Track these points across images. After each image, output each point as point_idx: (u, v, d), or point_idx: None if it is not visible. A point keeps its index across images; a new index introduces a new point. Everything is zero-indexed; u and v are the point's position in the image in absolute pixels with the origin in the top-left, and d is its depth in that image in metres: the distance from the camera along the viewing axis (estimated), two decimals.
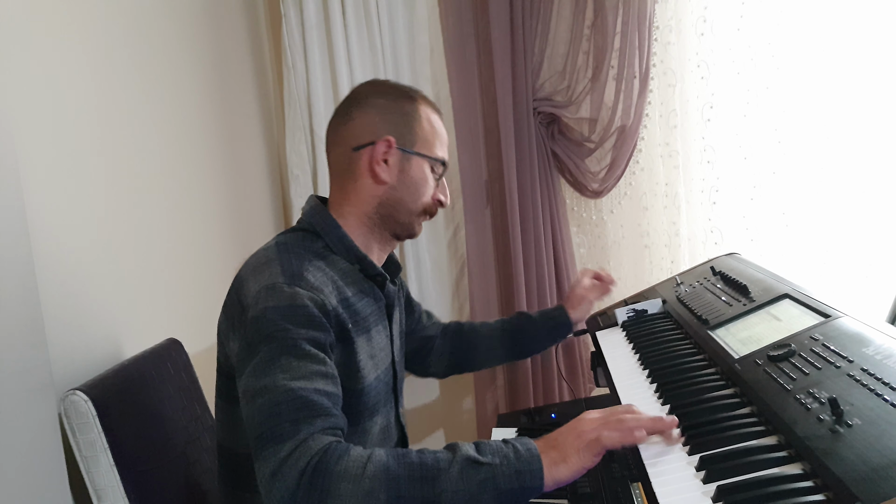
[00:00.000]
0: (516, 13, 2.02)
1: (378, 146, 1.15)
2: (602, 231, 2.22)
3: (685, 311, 1.46)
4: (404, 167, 1.17)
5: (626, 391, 1.24)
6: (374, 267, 1.17)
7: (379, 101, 1.19)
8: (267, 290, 1.02)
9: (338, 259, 1.15)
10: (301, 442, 0.89)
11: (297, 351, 0.98)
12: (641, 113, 2.03)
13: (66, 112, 1.21)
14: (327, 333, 1.02)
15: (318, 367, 0.98)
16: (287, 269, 1.05)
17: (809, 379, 0.95)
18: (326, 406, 0.94)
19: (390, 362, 1.22)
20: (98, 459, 1.07)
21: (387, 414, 1.20)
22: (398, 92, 1.21)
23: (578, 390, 2.18)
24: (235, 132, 2.00)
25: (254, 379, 0.97)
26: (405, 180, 1.18)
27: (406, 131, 1.18)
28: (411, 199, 1.18)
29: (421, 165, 1.19)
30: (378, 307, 1.19)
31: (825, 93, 1.91)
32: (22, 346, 0.98)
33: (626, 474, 1.20)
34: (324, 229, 1.15)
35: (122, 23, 1.43)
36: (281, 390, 0.94)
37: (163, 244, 1.52)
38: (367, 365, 1.12)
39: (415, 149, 1.18)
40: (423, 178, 1.19)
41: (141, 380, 1.21)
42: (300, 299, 1.01)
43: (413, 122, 1.19)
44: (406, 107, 1.19)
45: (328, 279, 1.09)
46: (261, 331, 0.99)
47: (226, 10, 2.05)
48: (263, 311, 1.00)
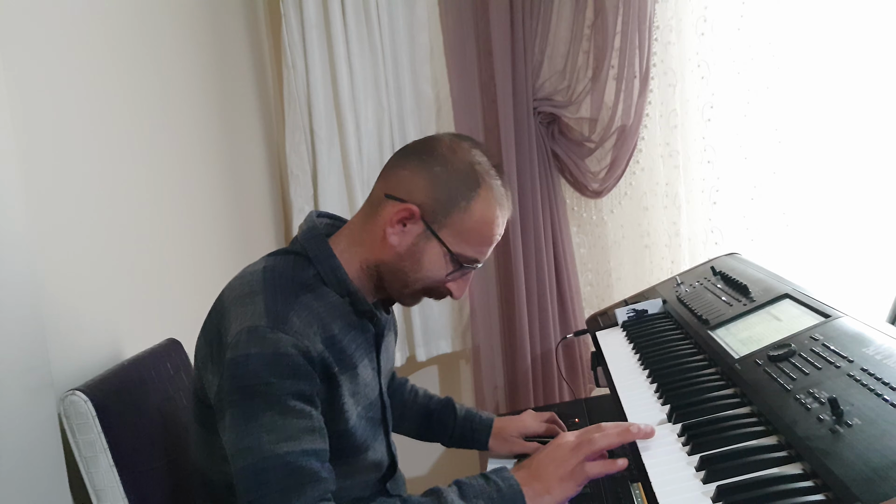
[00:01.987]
0: (516, 13, 2.02)
1: (402, 208, 1.05)
2: (602, 231, 2.22)
3: (685, 311, 1.46)
4: (419, 242, 1.06)
5: (626, 391, 1.24)
6: (364, 302, 1.09)
7: (438, 169, 1.06)
8: (248, 332, 0.96)
9: (328, 291, 1.07)
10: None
11: (281, 407, 0.93)
12: (641, 113, 2.03)
13: (67, 112, 1.21)
14: (312, 382, 0.97)
15: (304, 423, 0.94)
16: (271, 309, 0.98)
17: (809, 379, 0.95)
18: (315, 470, 0.92)
19: (377, 394, 1.16)
20: (98, 459, 1.07)
21: (377, 448, 1.15)
22: (467, 170, 1.06)
23: (578, 390, 2.18)
24: (235, 132, 2.00)
25: (236, 436, 0.93)
26: (414, 255, 1.07)
27: (443, 212, 1.05)
28: (413, 275, 1.08)
29: (438, 251, 1.07)
30: (366, 339, 1.13)
31: (825, 93, 1.92)
32: (22, 346, 0.98)
33: (626, 474, 1.20)
34: (317, 257, 1.08)
35: (121, 23, 1.43)
36: (267, 455, 0.90)
37: (163, 244, 1.51)
38: (349, 404, 1.06)
39: (441, 233, 1.06)
40: (434, 264, 1.07)
41: (141, 380, 1.21)
42: (284, 346, 0.95)
43: (456, 209, 1.05)
44: (463, 190, 1.05)
45: (314, 318, 1.02)
46: (241, 379, 0.94)
47: (226, 10, 2.05)
48: (245, 358, 0.94)
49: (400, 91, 2.18)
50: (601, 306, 2.10)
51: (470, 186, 1.06)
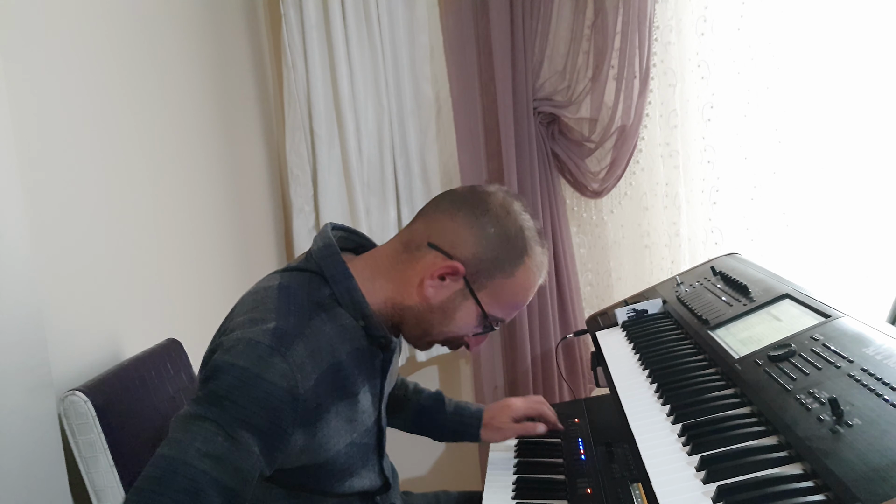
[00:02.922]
0: (516, 13, 2.02)
1: (446, 263, 1.02)
2: (602, 231, 2.22)
3: (685, 311, 1.46)
4: (455, 299, 1.04)
5: (626, 391, 1.25)
6: (379, 328, 1.06)
7: (490, 230, 1.04)
8: (247, 344, 0.93)
9: (342, 313, 1.04)
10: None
11: (229, 429, 0.89)
12: (641, 113, 2.03)
13: (67, 112, 1.21)
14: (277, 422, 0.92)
15: (238, 458, 0.89)
16: (280, 329, 0.95)
17: (809, 379, 0.95)
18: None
19: (374, 421, 1.12)
20: (98, 460, 1.07)
21: (367, 474, 1.12)
22: (517, 236, 1.05)
23: (578, 390, 2.18)
24: (235, 132, 2.00)
25: (177, 424, 0.91)
26: (446, 310, 1.05)
27: (486, 274, 1.03)
28: (438, 328, 1.06)
29: (472, 311, 1.05)
30: (373, 364, 1.10)
31: (825, 93, 1.92)
32: (22, 346, 0.98)
33: (626, 475, 1.20)
34: (333, 277, 1.04)
35: (121, 23, 1.43)
36: (186, 459, 0.88)
37: (163, 244, 1.51)
38: (342, 429, 1.03)
39: (479, 295, 1.04)
40: (465, 322, 1.06)
41: (141, 380, 1.21)
42: (270, 373, 0.91)
43: (500, 273, 1.04)
44: (510, 255, 1.04)
45: (324, 342, 0.99)
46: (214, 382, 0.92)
47: (226, 10, 2.05)
48: (230, 367, 0.92)
49: (400, 91, 2.18)
50: (601, 306, 2.10)
51: (517, 254, 1.04)
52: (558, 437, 1.46)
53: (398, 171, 2.20)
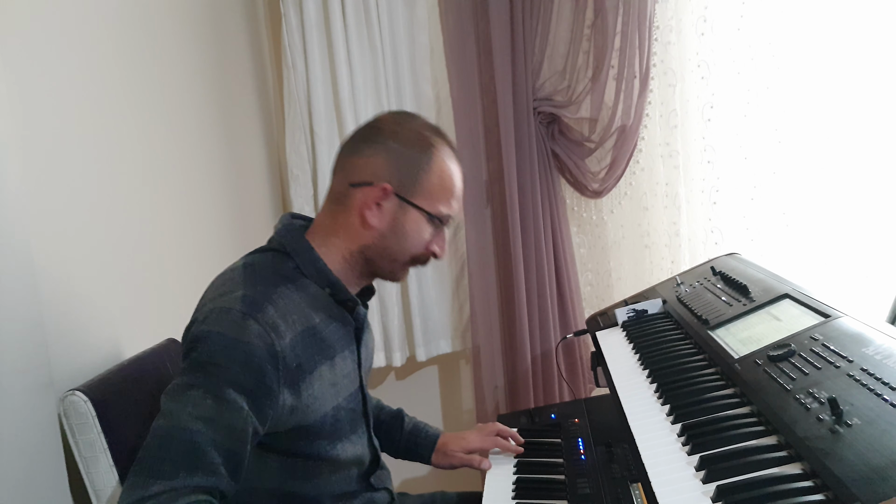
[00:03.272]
0: (516, 13, 2.02)
1: (373, 190, 1.09)
2: (602, 231, 2.22)
3: (685, 311, 1.46)
4: (398, 216, 1.11)
5: (626, 391, 1.25)
6: (345, 291, 1.12)
7: (392, 144, 1.12)
8: (220, 312, 0.99)
9: (308, 283, 1.10)
10: (171, 490, 0.88)
11: (217, 391, 0.94)
12: (641, 113, 2.03)
13: (66, 112, 1.21)
14: (261, 379, 0.97)
15: (230, 417, 0.94)
16: (248, 296, 1.01)
17: (809, 379, 0.95)
18: (213, 462, 0.92)
19: (357, 387, 1.17)
20: (98, 460, 1.07)
21: (358, 441, 1.16)
22: (416, 137, 1.13)
23: (578, 390, 2.18)
24: (235, 132, 2.00)
25: (167, 398, 0.95)
26: (396, 229, 1.11)
27: (410, 180, 1.10)
28: (399, 248, 1.13)
29: (417, 218, 1.12)
30: (346, 332, 1.15)
31: (825, 93, 1.92)
32: (22, 346, 0.98)
33: (626, 475, 1.20)
34: (295, 250, 1.11)
35: (121, 23, 1.43)
36: (181, 424, 0.92)
37: (163, 244, 1.51)
38: (326, 393, 1.08)
39: (415, 200, 1.11)
40: (417, 231, 1.12)
41: (141, 380, 1.21)
42: (247, 334, 0.97)
43: (420, 172, 1.11)
44: (419, 155, 1.11)
45: (294, 307, 1.04)
46: (196, 353, 0.97)
47: (226, 10, 2.05)
48: (207, 333, 0.97)
49: (400, 91, 2.18)
50: (601, 306, 2.10)
51: (424, 149, 1.12)
52: (558, 438, 1.46)
53: None
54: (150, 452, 0.91)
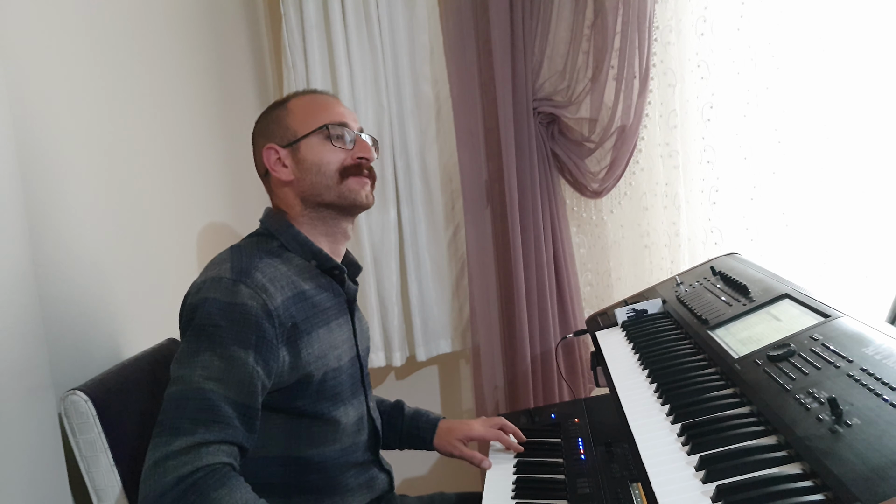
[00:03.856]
0: (516, 13, 2.02)
1: (266, 158, 1.22)
2: (602, 231, 2.22)
3: (685, 311, 1.46)
4: (297, 157, 1.21)
5: (625, 391, 1.25)
6: (329, 260, 1.21)
7: (256, 127, 1.27)
8: (212, 281, 1.06)
9: (293, 256, 1.19)
10: (194, 445, 0.94)
11: (222, 351, 1.01)
12: (641, 113, 2.03)
13: (66, 111, 1.21)
14: (261, 334, 1.04)
15: (238, 372, 1.01)
16: (236, 266, 1.09)
17: (809, 379, 0.95)
18: (228, 416, 0.98)
19: (355, 355, 1.24)
20: (98, 459, 1.07)
21: (358, 406, 1.22)
22: (270, 108, 1.27)
23: (578, 390, 2.18)
24: (235, 132, 2.00)
25: (177, 366, 1.02)
26: (303, 166, 1.20)
27: (281, 130, 1.22)
28: (320, 174, 1.20)
29: (309, 144, 1.21)
30: (338, 302, 1.22)
31: (825, 93, 1.91)
32: (22, 346, 0.98)
33: (626, 474, 1.20)
34: (277, 230, 1.20)
35: (121, 22, 1.43)
36: (194, 386, 0.98)
37: (163, 244, 1.52)
38: (328, 354, 1.15)
39: (297, 136, 1.21)
40: (318, 151, 1.21)
41: (141, 380, 1.21)
42: (240, 297, 1.04)
43: (284, 119, 1.22)
44: (276, 112, 1.24)
45: (281, 275, 1.12)
46: (194, 320, 1.03)
47: (226, 10, 2.05)
48: (203, 300, 1.04)
49: (400, 91, 2.18)
50: (601, 306, 2.10)
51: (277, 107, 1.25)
52: (558, 437, 1.46)
53: (398, 171, 2.20)
54: (168, 414, 0.97)
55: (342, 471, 1.18)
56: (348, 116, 1.26)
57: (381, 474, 1.29)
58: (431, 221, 2.25)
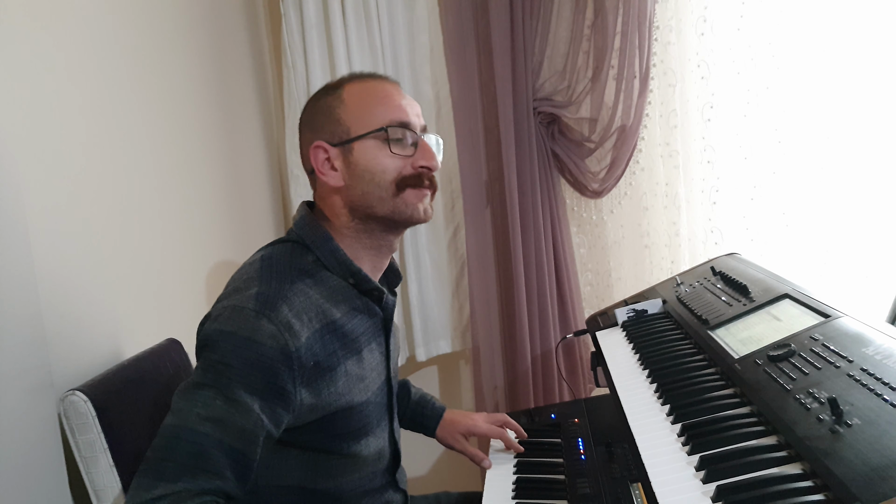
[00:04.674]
0: (516, 13, 2.02)
1: (314, 158, 1.08)
2: (602, 231, 2.22)
3: (685, 311, 1.46)
4: (349, 160, 1.07)
5: (626, 391, 1.24)
6: (369, 281, 1.10)
7: (304, 115, 1.13)
8: (233, 310, 0.97)
9: (328, 276, 1.07)
10: (173, 493, 0.88)
11: (228, 393, 0.93)
12: (641, 113, 2.03)
13: (66, 112, 1.21)
14: (273, 381, 0.95)
15: (239, 419, 0.93)
16: (262, 294, 0.98)
17: (809, 379, 0.95)
18: (219, 465, 0.91)
19: (384, 380, 1.16)
20: (98, 460, 1.07)
21: (381, 434, 1.15)
22: (323, 91, 1.12)
23: (578, 390, 2.18)
24: (235, 132, 2.00)
25: (178, 395, 0.95)
26: (355, 172, 1.07)
27: (332, 125, 1.07)
28: (374, 183, 1.06)
29: (364, 147, 1.06)
30: (373, 323, 1.13)
31: (825, 93, 1.91)
32: (22, 346, 0.98)
33: (626, 474, 1.20)
34: (314, 242, 1.08)
35: (121, 23, 1.43)
36: (188, 425, 0.91)
37: (163, 244, 1.51)
38: (354, 388, 1.06)
39: (350, 135, 1.07)
40: (374, 157, 1.06)
41: (141, 380, 1.21)
42: (259, 335, 0.95)
43: (336, 111, 1.08)
44: (327, 102, 1.09)
45: (311, 304, 1.02)
46: (206, 350, 0.97)
47: (226, 10, 2.05)
48: (220, 333, 0.96)
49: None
50: (601, 306, 2.10)
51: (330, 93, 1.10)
52: (558, 438, 1.46)
53: None
54: (156, 453, 0.91)
55: (358, 499, 1.13)
56: (411, 111, 1.10)
57: (397, 495, 1.24)
58: (431, 221, 2.24)
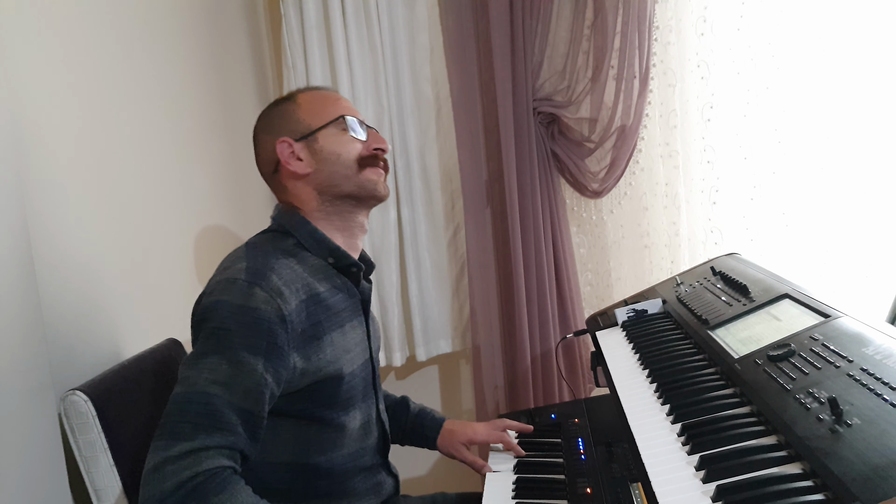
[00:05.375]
0: (516, 13, 2.02)
1: (280, 152, 1.19)
2: (602, 231, 2.22)
3: (685, 311, 1.46)
4: (314, 149, 1.19)
5: (626, 391, 1.24)
6: (347, 257, 1.19)
7: (259, 125, 1.25)
8: (226, 282, 1.05)
9: (309, 256, 1.17)
10: (193, 450, 0.93)
11: (231, 355, 0.99)
12: (641, 113, 2.03)
13: (66, 112, 1.21)
14: (273, 341, 1.02)
15: (245, 379, 0.99)
16: (251, 267, 1.07)
17: (809, 379, 0.95)
18: (231, 422, 0.97)
19: (368, 358, 1.23)
20: (98, 459, 1.07)
21: (367, 409, 1.21)
22: (275, 103, 1.25)
23: (578, 390, 2.18)
24: (235, 132, 2.00)
25: (184, 367, 1.01)
26: (322, 157, 1.19)
27: (292, 124, 1.20)
28: (337, 163, 1.19)
29: (326, 135, 1.20)
30: (353, 303, 1.20)
31: (825, 93, 1.92)
32: (22, 346, 0.98)
33: (626, 474, 1.20)
34: (293, 227, 1.18)
35: (121, 22, 1.43)
36: (198, 389, 0.97)
37: (163, 244, 1.52)
38: (341, 358, 1.13)
39: (312, 128, 1.20)
40: (335, 142, 1.20)
41: (141, 380, 1.21)
42: (254, 300, 1.02)
43: (294, 112, 1.21)
44: (283, 107, 1.23)
45: (296, 277, 1.10)
46: (207, 322, 1.02)
47: (226, 10, 2.05)
48: (215, 303, 1.03)
49: (400, 91, 2.18)
50: (601, 306, 2.10)
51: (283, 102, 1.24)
52: (558, 437, 1.46)
53: (398, 171, 2.20)
54: (170, 417, 0.96)
55: (350, 476, 1.17)
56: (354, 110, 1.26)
57: (389, 478, 1.28)
58: (431, 221, 2.25)
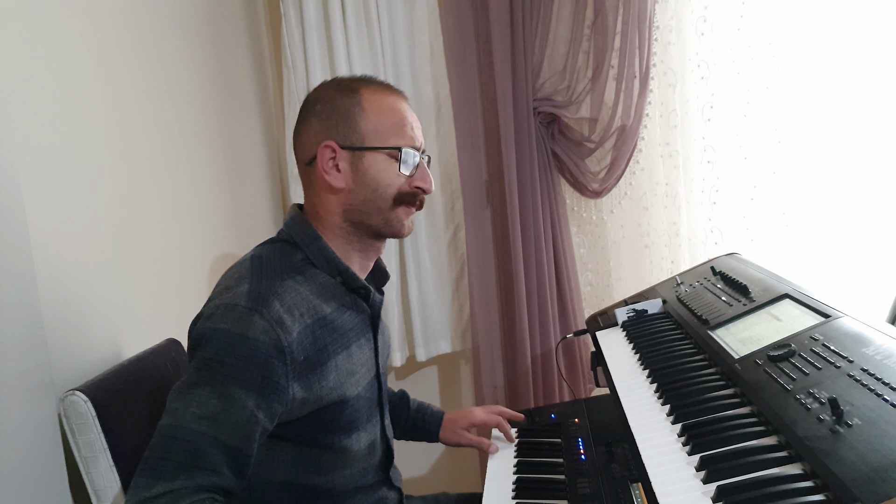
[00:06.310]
0: (516, 13, 2.02)
1: (322, 155, 1.09)
2: (602, 231, 2.22)
3: (685, 311, 1.46)
4: (357, 166, 1.10)
5: (626, 391, 1.24)
6: (356, 280, 1.12)
7: (317, 107, 1.12)
8: (225, 308, 0.99)
9: (317, 273, 1.10)
10: (171, 492, 0.89)
11: (222, 389, 0.94)
12: (641, 113, 2.03)
13: (66, 112, 1.21)
14: (268, 375, 0.97)
15: (234, 415, 0.94)
16: (254, 291, 1.00)
17: (809, 379, 0.95)
18: (215, 462, 0.92)
19: (374, 375, 1.18)
20: (98, 460, 1.07)
21: (372, 430, 1.17)
22: (338, 89, 1.13)
23: (578, 390, 2.18)
24: (235, 132, 2.00)
25: (174, 395, 0.96)
26: (362, 180, 1.10)
27: (349, 129, 1.10)
28: (375, 196, 1.10)
29: (376, 159, 1.10)
30: (361, 319, 1.15)
31: (825, 93, 1.91)
32: (22, 346, 0.98)
33: (626, 474, 1.20)
34: (303, 241, 1.11)
35: (121, 23, 1.43)
36: (184, 424, 0.92)
37: (163, 244, 1.51)
38: (345, 383, 1.08)
39: (364, 144, 1.10)
40: (382, 170, 1.10)
41: (141, 380, 1.21)
42: (252, 330, 0.97)
43: (355, 117, 1.10)
44: (346, 103, 1.11)
45: (301, 300, 1.04)
46: (201, 349, 0.97)
47: (226, 10, 2.05)
48: (212, 331, 0.97)
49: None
50: (601, 306, 2.10)
51: (349, 95, 1.11)
52: (558, 438, 1.46)
53: None
54: (153, 452, 0.92)
55: (350, 495, 1.14)
56: (419, 133, 1.15)
57: (391, 493, 1.25)
58: (431, 221, 2.25)
